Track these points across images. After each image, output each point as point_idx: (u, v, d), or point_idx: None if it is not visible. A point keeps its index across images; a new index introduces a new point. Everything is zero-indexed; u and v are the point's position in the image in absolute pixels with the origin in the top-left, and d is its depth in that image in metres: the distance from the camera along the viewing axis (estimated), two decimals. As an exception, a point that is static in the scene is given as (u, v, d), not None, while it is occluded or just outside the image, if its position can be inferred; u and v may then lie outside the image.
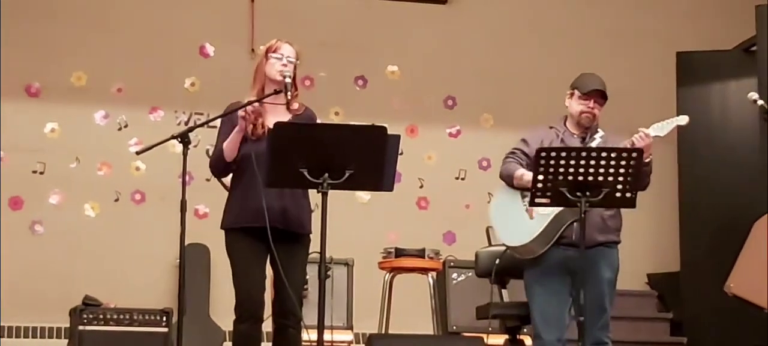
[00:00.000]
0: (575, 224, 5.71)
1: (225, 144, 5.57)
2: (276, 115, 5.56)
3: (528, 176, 5.79)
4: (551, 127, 6.08)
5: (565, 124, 6.05)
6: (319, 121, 5.84)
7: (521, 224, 5.92)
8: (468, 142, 9.60)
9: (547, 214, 5.81)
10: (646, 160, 5.72)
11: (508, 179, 6.01)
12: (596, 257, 5.86)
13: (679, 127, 8.94)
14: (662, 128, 5.79)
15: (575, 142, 5.94)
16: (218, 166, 5.66)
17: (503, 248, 6.35)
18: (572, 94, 6.02)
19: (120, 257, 8.83)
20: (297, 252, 5.57)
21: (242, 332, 5.56)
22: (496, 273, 6.73)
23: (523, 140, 6.07)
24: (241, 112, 5.49)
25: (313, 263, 5.61)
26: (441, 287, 8.04)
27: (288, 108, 5.61)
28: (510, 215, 5.98)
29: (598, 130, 6.01)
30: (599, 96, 5.95)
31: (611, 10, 9.87)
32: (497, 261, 6.65)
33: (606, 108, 6.07)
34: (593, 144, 5.88)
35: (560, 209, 5.73)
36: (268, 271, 5.62)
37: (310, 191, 5.46)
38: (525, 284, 6.07)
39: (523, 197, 5.93)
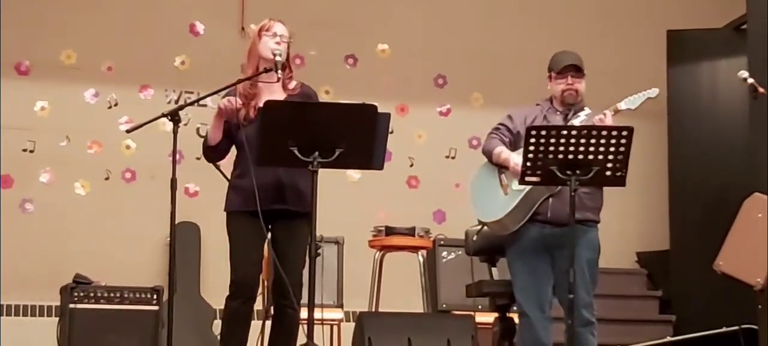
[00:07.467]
0: (550, 200, 5.76)
1: (208, 129, 5.65)
2: (271, 95, 5.56)
3: (505, 154, 5.90)
4: (538, 105, 6.11)
5: (551, 103, 6.08)
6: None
7: (496, 199, 5.95)
8: (458, 121, 9.59)
9: (520, 190, 5.82)
10: None
11: (488, 155, 6.05)
12: (573, 235, 5.87)
13: (669, 106, 9.10)
14: (633, 102, 5.83)
15: (557, 119, 5.97)
16: (206, 152, 5.73)
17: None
18: (550, 77, 6.05)
19: (110, 235, 8.83)
20: (300, 230, 5.54)
21: (234, 309, 5.60)
22: (485, 251, 6.74)
23: (509, 116, 6.11)
24: (220, 103, 5.53)
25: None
26: (431, 265, 8.05)
27: (283, 87, 5.62)
28: (486, 190, 6.02)
29: (585, 108, 6.02)
30: (573, 70, 5.97)
31: (602, -12, 9.89)
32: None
33: (595, 87, 6.09)
34: (576, 122, 5.89)
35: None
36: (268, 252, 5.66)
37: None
38: (507, 262, 6.10)
39: (501, 173, 5.96)
